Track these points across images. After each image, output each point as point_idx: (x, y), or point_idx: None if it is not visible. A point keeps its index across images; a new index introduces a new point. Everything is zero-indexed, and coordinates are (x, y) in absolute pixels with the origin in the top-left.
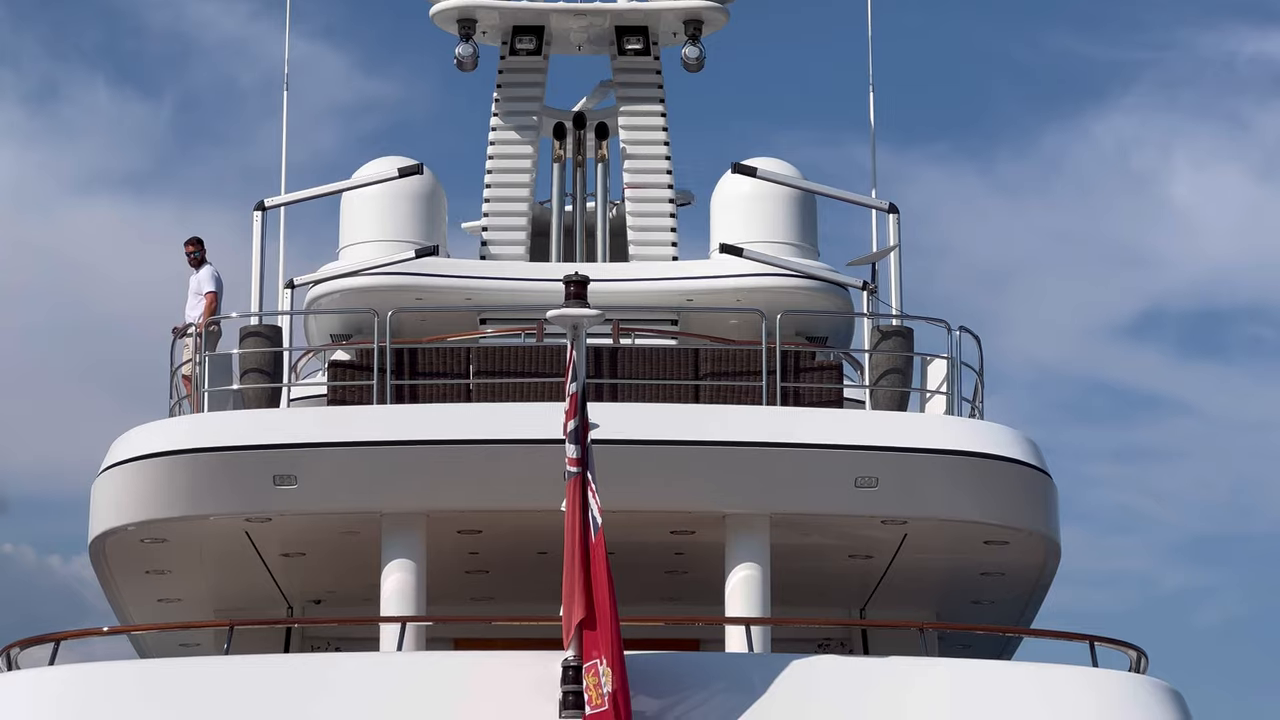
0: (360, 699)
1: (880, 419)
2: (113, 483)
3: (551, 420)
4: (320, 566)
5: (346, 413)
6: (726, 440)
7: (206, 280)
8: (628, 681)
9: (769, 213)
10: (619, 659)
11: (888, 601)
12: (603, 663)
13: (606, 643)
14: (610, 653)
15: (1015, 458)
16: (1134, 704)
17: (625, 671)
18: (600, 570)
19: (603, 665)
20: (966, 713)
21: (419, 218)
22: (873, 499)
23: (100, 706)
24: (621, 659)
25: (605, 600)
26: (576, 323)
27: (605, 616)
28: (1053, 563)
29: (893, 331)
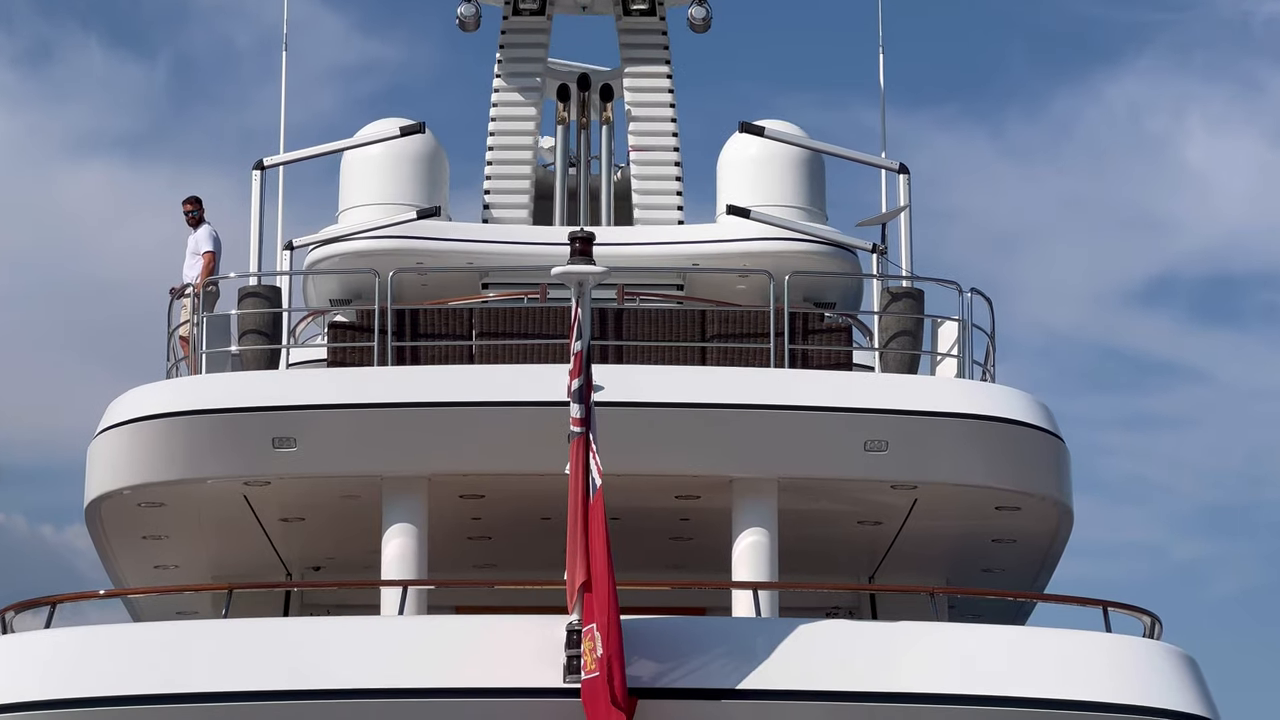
0: (362, 662)
1: (890, 381)
2: (109, 445)
3: (556, 382)
4: (320, 532)
5: (347, 374)
6: (733, 403)
7: (205, 240)
8: (622, 647)
9: (777, 175)
10: (614, 624)
11: (897, 570)
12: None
13: (601, 608)
14: (604, 617)
15: (1028, 421)
16: (1149, 669)
17: (620, 637)
18: (597, 533)
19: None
20: (978, 678)
21: (420, 180)
22: (882, 463)
23: (97, 669)
24: (617, 624)
25: (601, 564)
26: (581, 279)
27: (601, 580)
28: (1065, 529)
29: (903, 293)
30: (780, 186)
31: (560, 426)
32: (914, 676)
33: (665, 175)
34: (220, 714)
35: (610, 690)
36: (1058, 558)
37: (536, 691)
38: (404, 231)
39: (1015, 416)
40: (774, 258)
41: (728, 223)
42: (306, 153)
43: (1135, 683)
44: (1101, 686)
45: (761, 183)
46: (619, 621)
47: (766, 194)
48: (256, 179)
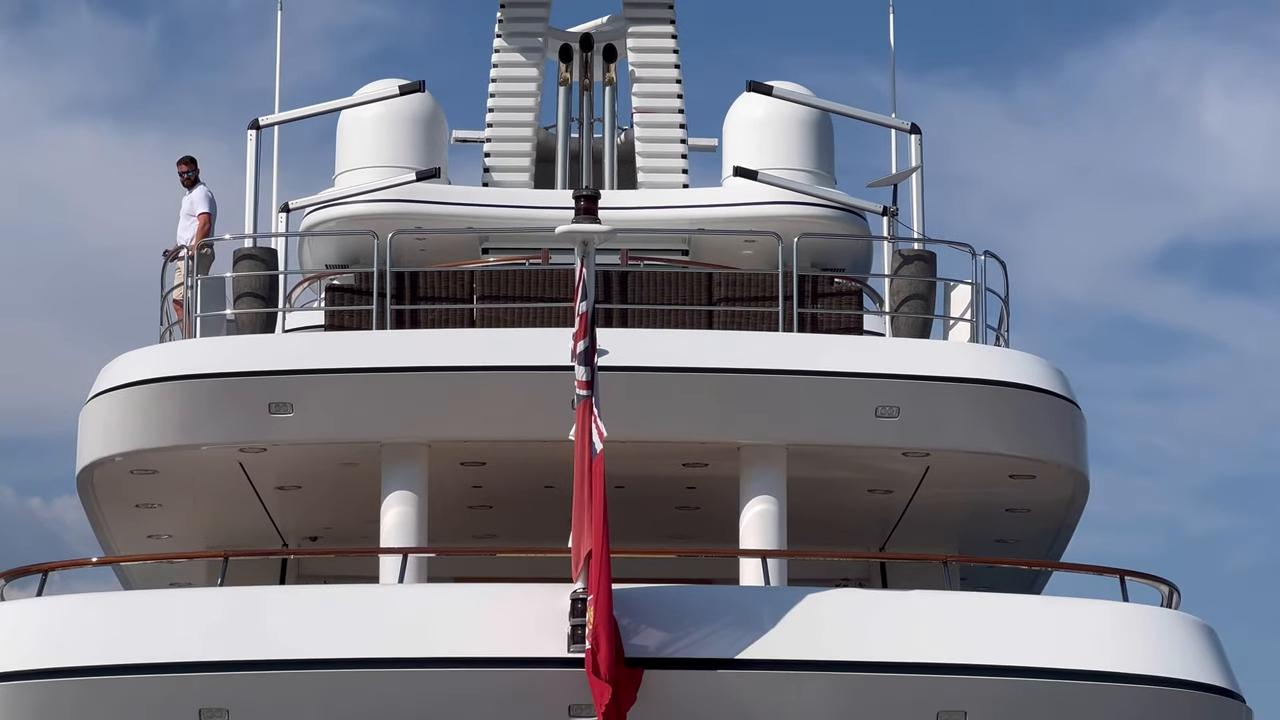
0: (361, 632)
1: (902, 346)
2: (101, 411)
3: (560, 346)
4: (317, 500)
5: (345, 338)
6: (741, 368)
7: (200, 201)
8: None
9: (785, 137)
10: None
11: (907, 539)
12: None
13: (594, 577)
14: (597, 588)
15: (1043, 387)
16: (1168, 639)
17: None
18: (597, 499)
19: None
20: (992, 648)
21: (419, 142)
22: (894, 430)
23: (91, 638)
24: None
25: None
26: (586, 238)
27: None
28: (1081, 498)
29: (915, 256)
30: (788, 148)
31: (564, 392)
32: (927, 647)
33: (669, 138)
34: (216, 684)
35: (594, 661)
36: (1073, 528)
37: (540, 661)
38: (403, 194)
39: (1030, 382)
40: (782, 221)
41: (734, 185)
42: (303, 112)
43: (1154, 653)
44: (1119, 657)
45: (769, 145)
46: (609, 592)
47: (774, 156)
48: (252, 139)
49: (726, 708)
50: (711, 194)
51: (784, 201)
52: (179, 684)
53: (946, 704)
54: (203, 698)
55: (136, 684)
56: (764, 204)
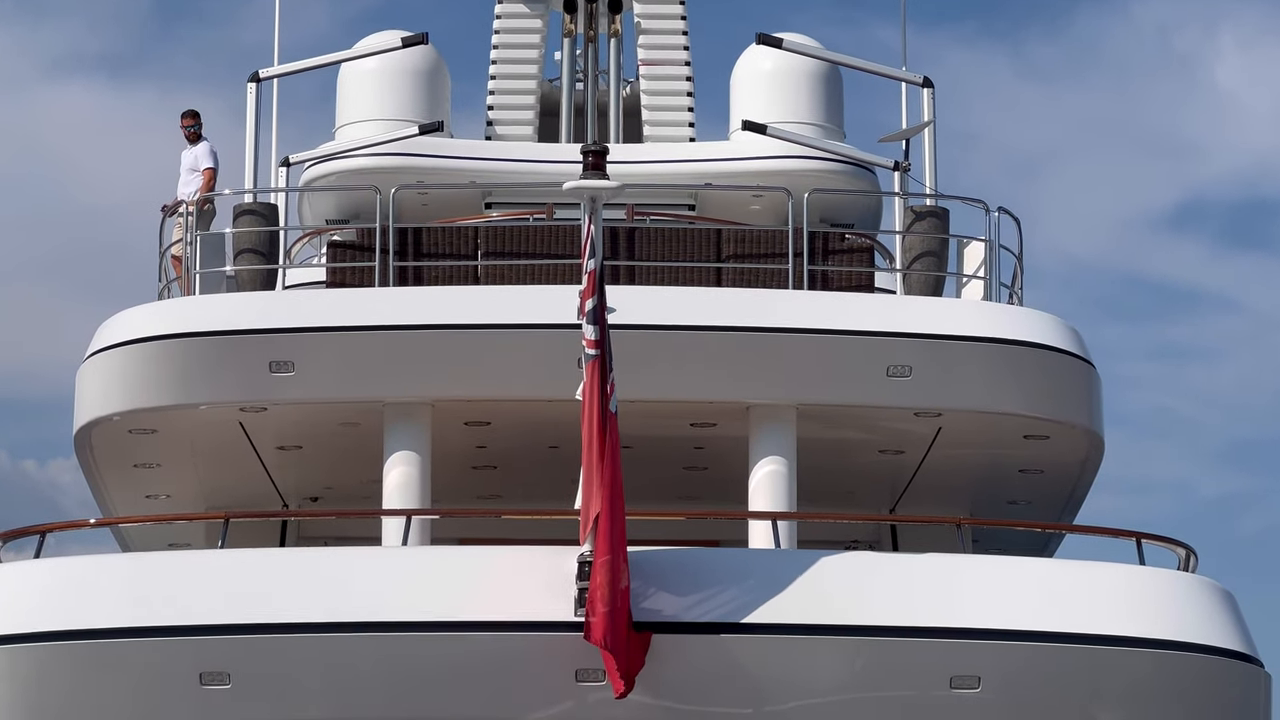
0: (364, 595)
1: (914, 304)
2: (98, 370)
3: (566, 303)
4: (318, 461)
5: (347, 295)
6: (750, 326)
7: (205, 156)
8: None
9: (793, 91)
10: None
11: (918, 501)
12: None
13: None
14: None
15: (1057, 346)
16: (1186, 603)
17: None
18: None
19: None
20: (1008, 612)
21: (421, 95)
22: (905, 389)
23: (90, 600)
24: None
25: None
26: (594, 195)
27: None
28: (1095, 459)
29: (927, 212)
30: (797, 102)
31: (570, 350)
32: (940, 611)
33: (676, 90)
34: (216, 648)
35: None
36: (1087, 489)
37: (546, 625)
38: (405, 148)
39: (1045, 341)
40: (791, 176)
41: (742, 140)
42: (304, 64)
43: (1172, 617)
44: (1136, 621)
45: (778, 98)
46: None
47: (783, 110)
48: (252, 92)
49: (736, 673)
50: (719, 148)
51: (794, 156)
52: (179, 648)
53: (959, 669)
54: (203, 662)
55: (135, 647)
56: (773, 158)
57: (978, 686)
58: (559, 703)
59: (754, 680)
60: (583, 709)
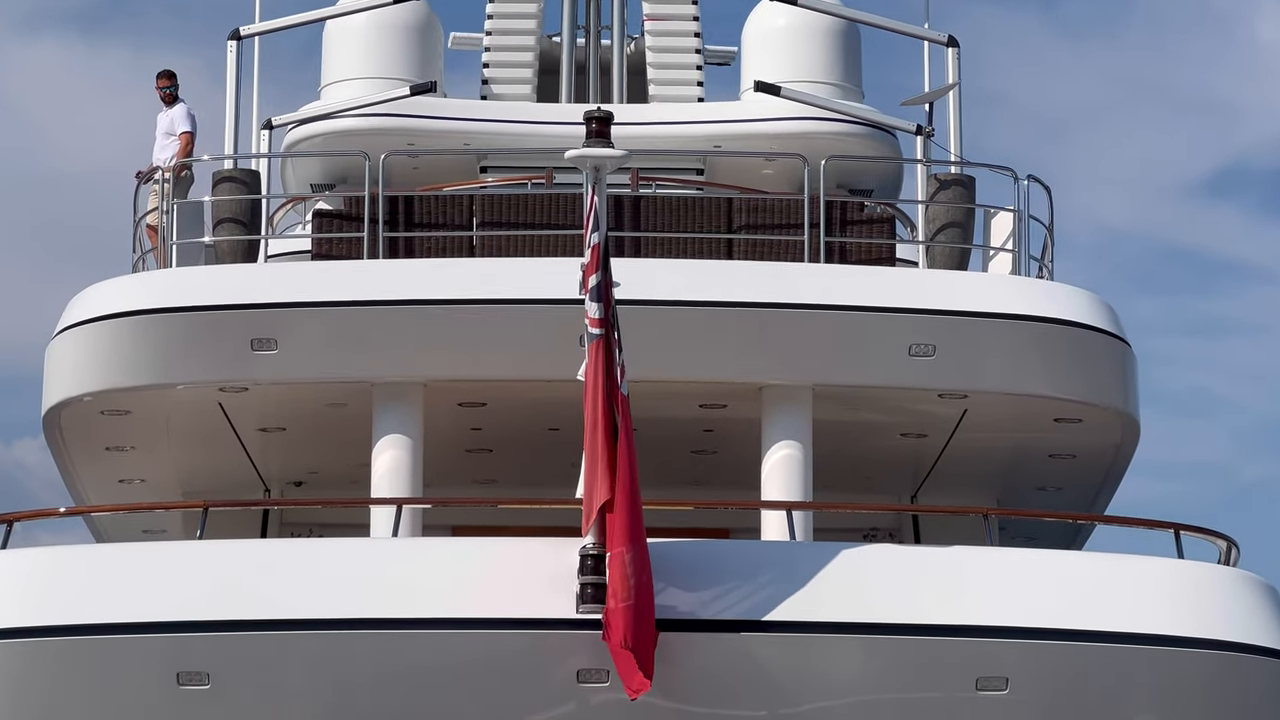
0: (352, 590)
1: (938, 278)
2: (69, 347)
3: (568, 276)
4: (302, 444)
5: (334, 268)
6: (764, 301)
7: (182, 119)
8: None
9: (809, 49)
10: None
11: (940, 488)
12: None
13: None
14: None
15: (1091, 323)
16: (1230, 600)
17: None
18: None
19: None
20: (1037, 609)
21: (411, 53)
22: (929, 369)
23: (58, 595)
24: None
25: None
26: (599, 163)
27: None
28: (1130, 443)
29: (952, 180)
30: (813, 61)
31: (572, 327)
32: (966, 608)
33: (684, 48)
34: (194, 646)
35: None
36: (1121, 475)
37: (548, 623)
38: (395, 109)
39: (1077, 318)
40: (806, 139)
41: (753, 101)
42: (287, 21)
43: (1214, 615)
44: (1176, 619)
45: (792, 57)
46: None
47: (797, 69)
48: (232, 50)
49: (750, 673)
50: (730, 109)
51: (809, 118)
52: (154, 646)
53: (986, 670)
54: (180, 661)
55: (107, 645)
56: (787, 120)
57: (1005, 688)
58: (560, 705)
59: (769, 681)
60: (585, 711)
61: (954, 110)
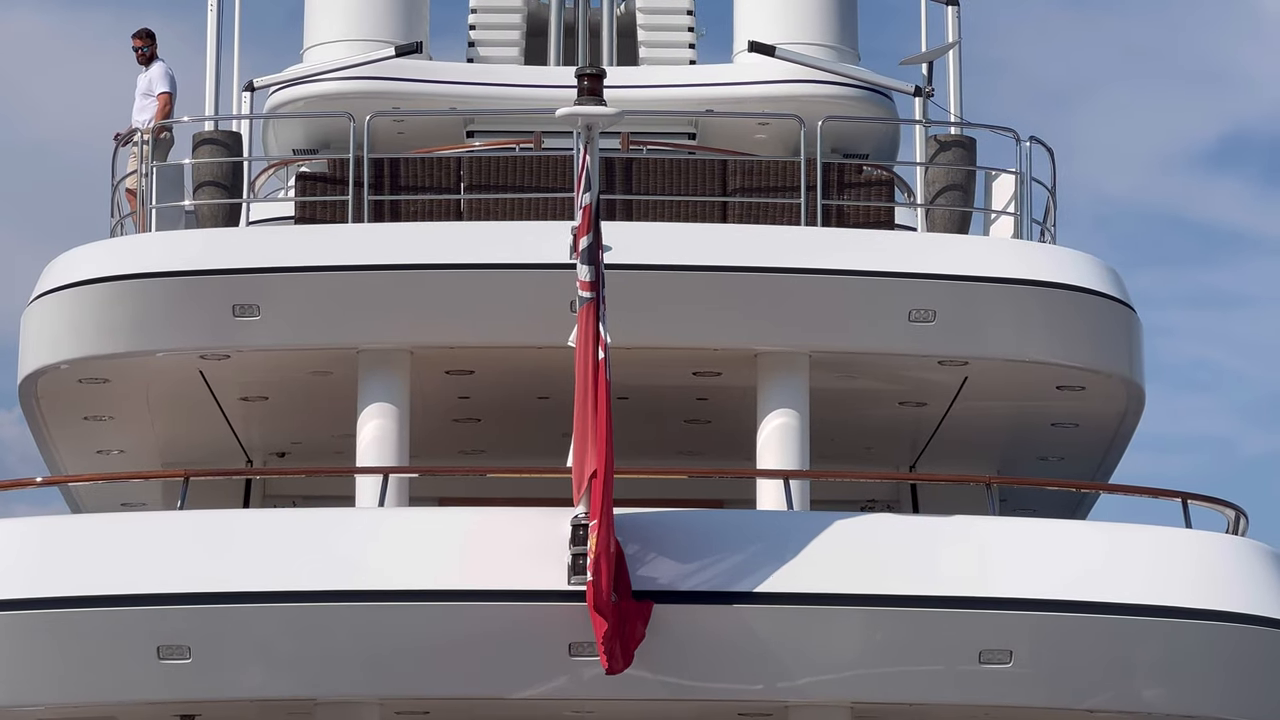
0: (338, 561)
1: (938, 242)
2: (45, 314)
3: (558, 240)
4: (285, 413)
5: (318, 233)
6: (759, 265)
7: (160, 79)
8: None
9: (804, 9)
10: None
11: (939, 458)
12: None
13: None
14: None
15: (1095, 288)
16: (1239, 570)
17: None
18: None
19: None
20: (1042, 580)
21: (397, 13)
22: (929, 336)
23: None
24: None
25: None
26: (591, 122)
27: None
28: (1135, 412)
29: (952, 142)
30: (807, 21)
31: (562, 292)
32: (969, 579)
33: (675, 9)
34: (175, 619)
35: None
36: (1124, 445)
37: (538, 594)
38: (380, 71)
39: (1081, 283)
40: (801, 101)
41: (747, 62)
42: None
43: (1224, 585)
44: (1185, 590)
45: (786, 17)
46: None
47: (791, 29)
48: (213, 10)
49: (745, 646)
50: (723, 71)
51: (804, 80)
52: (134, 618)
53: (989, 643)
54: (161, 634)
55: (86, 618)
56: (782, 82)
57: (1009, 661)
58: (551, 679)
59: (764, 654)
60: (578, 686)
61: (954, 70)
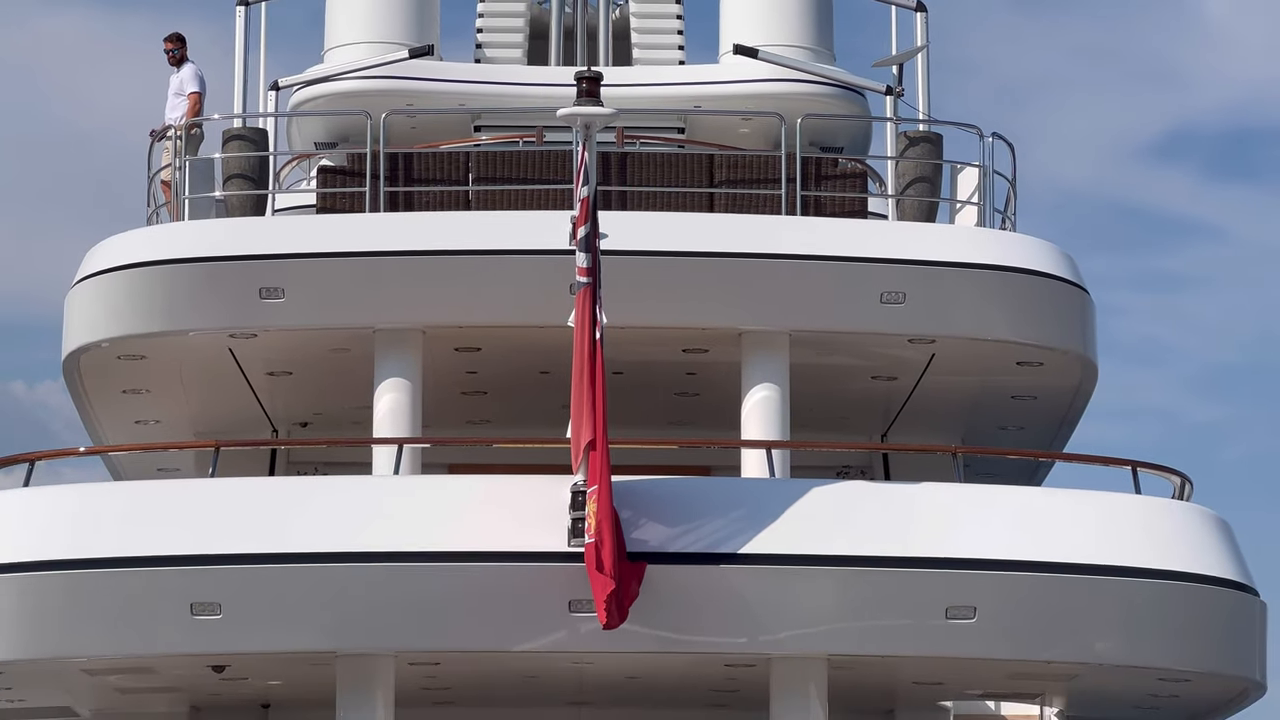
0: (357, 524)
1: (908, 230)
2: (87, 296)
3: (557, 228)
4: (308, 387)
5: (337, 221)
6: (743, 251)
7: (189, 79)
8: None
9: (785, 14)
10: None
11: (909, 427)
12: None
13: (595, 469)
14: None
15: (1051, 272)
16: (1184, 533)
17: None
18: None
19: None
20: (1003, 542)
21: (410, 17)
22: (899, 316)
23: (79, 530)
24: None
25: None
26: (589, 121)
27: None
28: (1089, 385)
29: (920, 137)
30: (787, 25)
31: (561, 276)
32: (937, 541)
33: (665, 14)
34: (207, 578)
35: (596, 556)
36: (1079, 416)
37: (540, 555)
38: (394, 71)
39: (1039, 267)
40: (781, 99)
41: (732, 63)
42: None
43: (1171, 547)
44: (1135, 551)
45: (768, 21)
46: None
47: (773, 33)
48: (240, 15)
49: (730, 603)
50: (709, 71)
51: (785, 80)
52: (169, 578)
53: (955, 599)
54: (194, 592)
55: (126, 577)
56: (765, 81)
57: (974, 616)
58: (552, 633)
59: (748, 610)
60: (575, 639)
61: (922, 72)
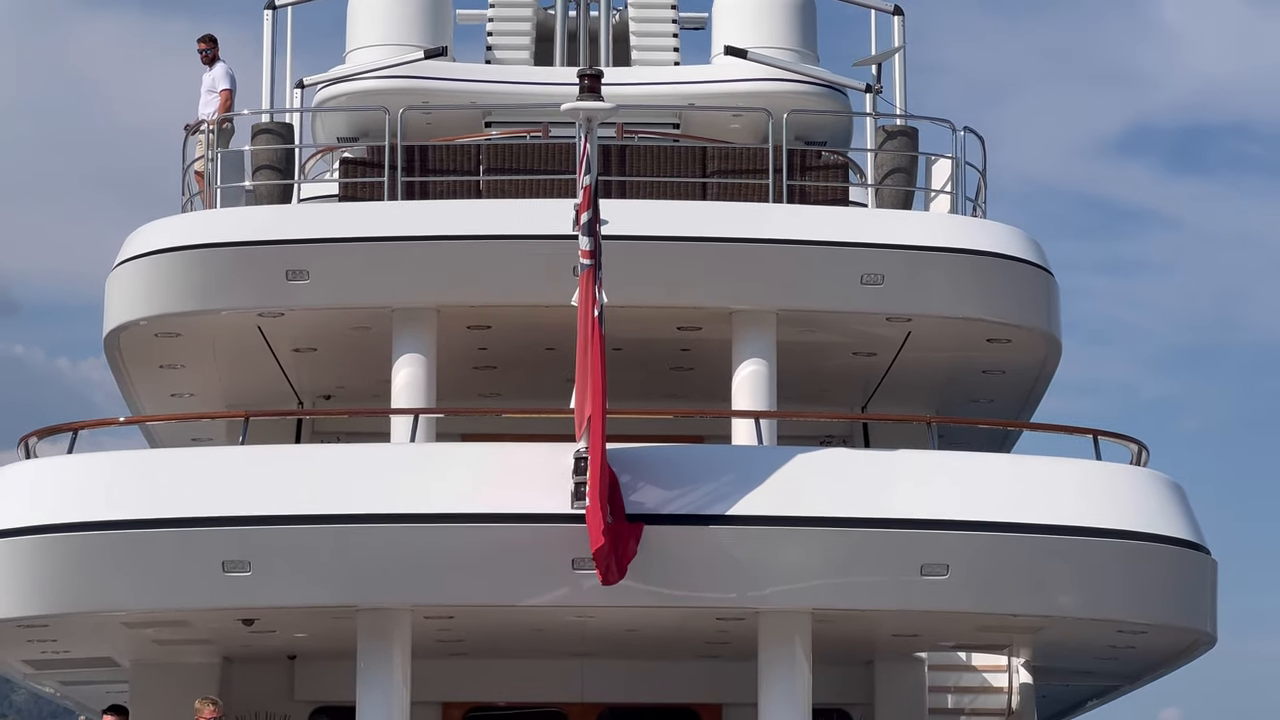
0: (376, 488)
1: (886, 217)
2: (127, 277)
3: (561, 215)
4: (331, 362)
5: (358, 209)
6: (734, 237)
7: (221, 77)
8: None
9: (771, 18)
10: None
11: (887, 400)
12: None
13: (594, 438)
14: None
15: (1019, 255)
16: (1140, 496)
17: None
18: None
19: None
20: (974, 505)
21: (426, 21)
22: (878, 296)
23: (119, 494)
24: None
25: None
26: (590, 115)
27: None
28: (1053, 360)
29: (897, 131)
30: (775, 28)
31: (566, 259)
32: (912, 504)
33: (662, 18)
34: (237, 538)
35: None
36: (1044, 389)
37: (545, 517)
38: (411, 71)
39: (1007, 251)
40: (769, 97)
41: (723, 64)
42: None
43: (1128, 509)
44: (1095, 513)
45: (756, 25)
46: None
47: (761, 36)
48: (268, 19)
49: (721, 561)
50: (702, 71)
51: (772, 79)
52: (202, 538)
53: (929, 558)
54: (225, 551)
55: (163, 537)
56: (754, 80)
57: (946, 574)
58: (556, 589)
59: (737, 567)
60: (577, 594)
61: (899, 71)
